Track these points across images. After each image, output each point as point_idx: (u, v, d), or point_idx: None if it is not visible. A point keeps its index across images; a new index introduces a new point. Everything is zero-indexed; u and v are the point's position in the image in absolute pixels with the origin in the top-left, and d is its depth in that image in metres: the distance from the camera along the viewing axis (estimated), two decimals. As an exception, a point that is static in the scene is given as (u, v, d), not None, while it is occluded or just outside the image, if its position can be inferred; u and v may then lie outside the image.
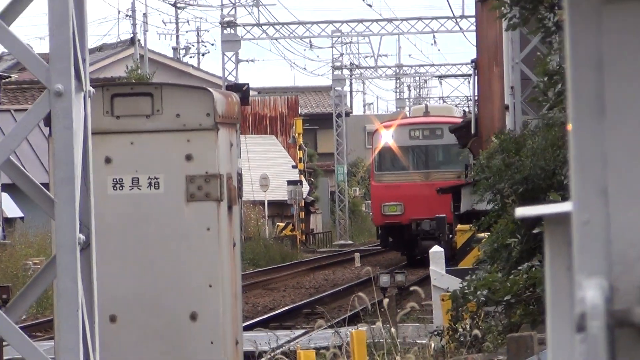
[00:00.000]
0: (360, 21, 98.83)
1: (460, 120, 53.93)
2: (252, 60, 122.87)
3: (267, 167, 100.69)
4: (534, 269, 25.03)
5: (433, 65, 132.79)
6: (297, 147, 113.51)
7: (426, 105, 62.33)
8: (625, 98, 3.15)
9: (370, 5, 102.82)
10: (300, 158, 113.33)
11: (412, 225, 47.89)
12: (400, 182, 49.87)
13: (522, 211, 4.63)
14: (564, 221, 3.42)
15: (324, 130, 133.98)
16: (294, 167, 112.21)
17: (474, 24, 55.18)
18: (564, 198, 20.41)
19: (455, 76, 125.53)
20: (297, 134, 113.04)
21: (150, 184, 14.68)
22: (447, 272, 29.69)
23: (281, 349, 26.39)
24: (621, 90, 3.20)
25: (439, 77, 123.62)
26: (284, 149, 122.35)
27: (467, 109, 72.02)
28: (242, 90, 67.30)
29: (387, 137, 51.74)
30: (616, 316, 2.92)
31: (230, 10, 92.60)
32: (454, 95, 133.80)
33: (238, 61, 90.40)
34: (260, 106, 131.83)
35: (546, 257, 3.74)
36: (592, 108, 3.17)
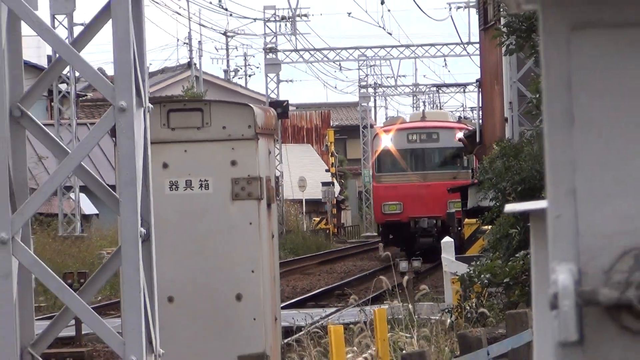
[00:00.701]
0: (382, 47, 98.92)
1: (455, 124, 54.67)
2: (290, 81, 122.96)
3: (304, 171, 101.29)
4: (528, 256, 25.29)
5: (445, 84, 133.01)
6: (330, 154, 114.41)
7: (423, 111, 61.81)
8: (591, 112, 3.16)
9: (390, 34, 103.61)
10: (332, 163, 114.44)
11: (410, 223, 46.37)
12: (399, 183, 48.66)
13: (511, 207, 4.68)
14: (544, 216, 3.33)
15: (352, 139, 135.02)
16: (327, 170, 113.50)
17: (478, 49, 54.58)
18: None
19: (451, 85, 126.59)
20: (329, 143, 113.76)
21: (201, 186, 14.95)
22: (457, 259, 29.85)
23: (315, 325, 26.11)
24: (587, 105, 3.22)
25: (437, 86, 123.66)
26: (318, 155, 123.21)
27: (462, 115, 72.31)
28: (282, 106, 67.38)
29: (386, 141, 50.45)
30: (584, 296, 2.94)
31: (272, 38, 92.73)
32: (454, 105, 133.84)
33: (279, 81, 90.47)
34: (298, 119, 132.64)
35: (531, 246, 3.74)
36: (563, 120, 3.20)
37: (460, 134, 48.62)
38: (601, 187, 3.13)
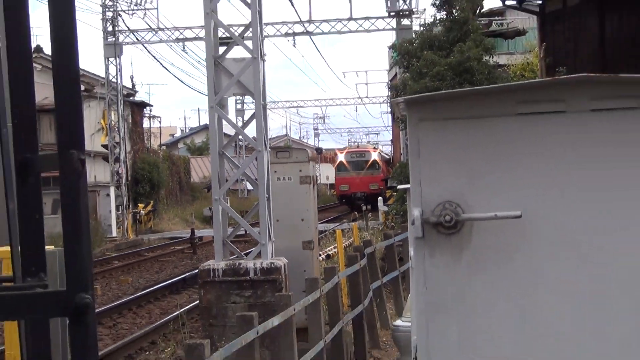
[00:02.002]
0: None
1: (373, 149, 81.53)
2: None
3: (328, 172, 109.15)
4: (405, 204, 35.31)
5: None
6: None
7: (358, 145, 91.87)
8: (425, 153, 4.66)
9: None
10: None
11: (352, 195, 68.89)
12: (347, 176, 71.53)
13: (401, 186, 11.92)
14: (410, 190, 4.99)
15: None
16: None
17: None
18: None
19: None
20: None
21: (289, 179, 18.92)
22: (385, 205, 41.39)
23: (329, 230, 39.63)
24: (424, 150, 4.78)
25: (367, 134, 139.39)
26: (332, 166, 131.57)
27: (378, 145, 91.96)
28: (319, 149, 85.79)
29: (341, 157, 75.03)
30: (424, 219, 4.61)
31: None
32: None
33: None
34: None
35: (407, 200, 6.09)
36: (416, 155, 4.81)
37: (375, 154, 75.52)
38: (429, 180, 4.78)
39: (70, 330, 2.18)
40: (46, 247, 2.56)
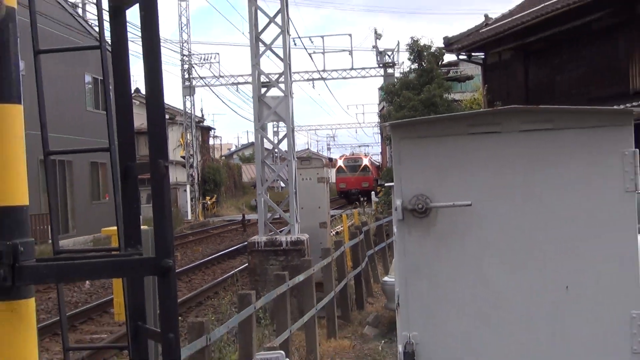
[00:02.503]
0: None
1: (364, 156, 74.27)
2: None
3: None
4: (390, 196, 34.48)
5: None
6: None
7: (353, 153, 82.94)
8: (405, 161, 4.47)
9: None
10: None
11: (348, 191, 63.43)
12: (345, 177, 66.20)
13: (388, 184, 8.21)
14: (394, 186, 4.68)
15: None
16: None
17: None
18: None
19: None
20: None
21: (309, 179, 18.21)
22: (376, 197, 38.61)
23: (336, 214, 35.32)
24: (404, 160, 4.58)
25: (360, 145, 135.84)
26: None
27: (369, 154, 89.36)
28: (331, 159, 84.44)
29: (340, 162, 69.41)
30: (404, 208, 4.43)
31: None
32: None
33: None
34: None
35: (392, 194, 4.99)
36: (397, 162, 4.61)
37: (366, 160, 69.16)
38: (406, 179, 4.53)
39: (158, 285, 2.20)
40: (141, 226, 2.56)
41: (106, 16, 2.61)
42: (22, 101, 2.15)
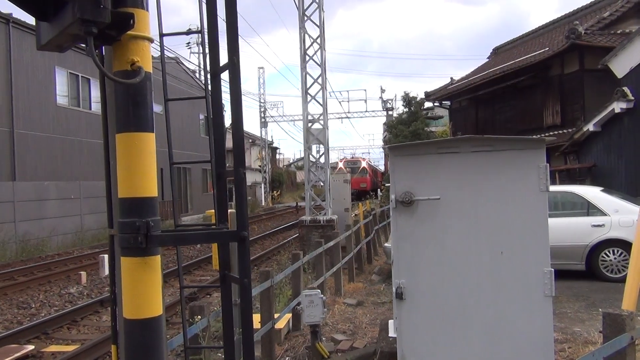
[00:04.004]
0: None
1: (363, 159, 55.34)
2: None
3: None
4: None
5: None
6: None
7: (353, 155, 65.65)
8: (398, 169, 4.20)
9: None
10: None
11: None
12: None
13: (387, 184, 12.32)
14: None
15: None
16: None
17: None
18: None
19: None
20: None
21: (339, 181, 17.49)
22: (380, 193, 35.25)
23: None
24: (397, 169, 4.31)
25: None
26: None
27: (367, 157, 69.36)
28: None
29: (341, 164, 48.11)
30: (397, 200, 4.16)
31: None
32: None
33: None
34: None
35: (390, 192, 4.50)
36: (392, 170, 4.22)
37: (364, 162, 52.17)
38: (398, 181, 4.27)
39: (237, 248, 2.17)
40: (229, 210, 2.53)
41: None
42: (154, 130, 2.16)
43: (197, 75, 34.32)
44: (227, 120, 2.54)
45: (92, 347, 7.35)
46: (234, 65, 2.18)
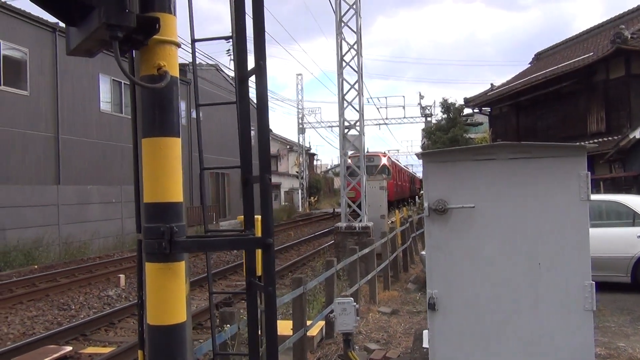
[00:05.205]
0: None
1: (384, 155, 38.95)
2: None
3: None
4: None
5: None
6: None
7: (368, 150, 47.19)
8: (431, 176, 6.09)
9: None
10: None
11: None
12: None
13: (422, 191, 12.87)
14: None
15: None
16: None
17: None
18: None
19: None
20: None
21: (374, 187, 17.13)
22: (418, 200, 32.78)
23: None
24: (431, 176, 4.21)
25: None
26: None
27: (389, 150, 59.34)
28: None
29: (349, 161, 22.00)
30: (431, 208, 4.08)
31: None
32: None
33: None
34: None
35: (423, 199, 4.44)
36: (426, 177, 5.72)
37: (385, 159, 37.02)
38: (432, 189, 4.20)
39: (262, 256, 2.13)
40: (255, 216, 2.47)
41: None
42: (180, 134, 2.14)
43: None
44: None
45: (127, 350, 7.45)
46: (260, 69, 2.15)
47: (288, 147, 60.26)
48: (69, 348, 7.85)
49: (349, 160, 30.06)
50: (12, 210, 17.15)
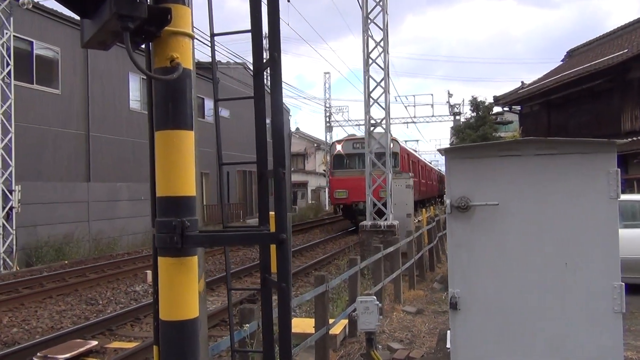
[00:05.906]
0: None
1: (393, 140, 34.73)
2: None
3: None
4: None
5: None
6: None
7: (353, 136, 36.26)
8: (454, 173, 4.01)
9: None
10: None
11: (352, 205, 25.15)
12: (345, 178, 25.65)
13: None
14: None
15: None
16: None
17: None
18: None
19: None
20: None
21: (401, 186, 16.87)
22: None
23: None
24: (455, 175, 4.10)
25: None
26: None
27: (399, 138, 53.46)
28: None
29: (339, 147, 27.06)
30: (453, 205, 3.99)
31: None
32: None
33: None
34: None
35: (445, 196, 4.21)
36: (448, 174, 4.12)
37: (397, 147, 26.76)
38: (454, 185, 3.98)
39: (277, 252, 2.06)
40: (270, 212, 2.44)
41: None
42: (193, 127, 2.10)
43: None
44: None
45: (150, 346, 7.49)
46: (274, 61, 2.11)
47: (315, 145, 60.28)
48: (94, 342, 7.97)
49: (338, 147, 25.70)
50: (44, 206, 17.49)
